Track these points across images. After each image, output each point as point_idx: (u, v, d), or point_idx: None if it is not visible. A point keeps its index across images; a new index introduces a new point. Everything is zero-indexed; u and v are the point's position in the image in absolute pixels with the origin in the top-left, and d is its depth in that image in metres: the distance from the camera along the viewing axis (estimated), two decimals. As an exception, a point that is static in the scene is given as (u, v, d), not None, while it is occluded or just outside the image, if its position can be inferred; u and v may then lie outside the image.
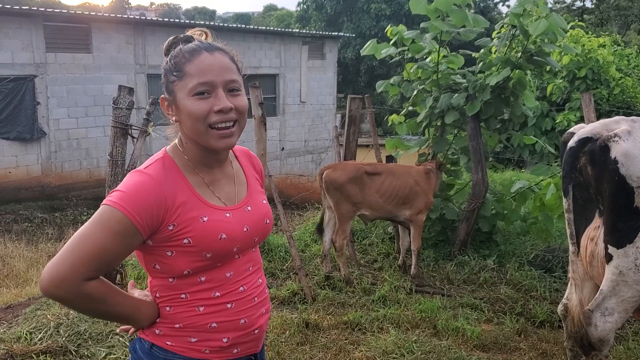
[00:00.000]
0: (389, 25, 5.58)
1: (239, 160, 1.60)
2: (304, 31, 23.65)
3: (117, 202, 1.30)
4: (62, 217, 11.77)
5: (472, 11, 5.13)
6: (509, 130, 5.83)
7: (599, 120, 2.90)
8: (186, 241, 1.36)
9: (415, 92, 5.48)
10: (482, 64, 5.31)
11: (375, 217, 4.82)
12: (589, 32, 14.18)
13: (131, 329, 1.49)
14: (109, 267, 1.37)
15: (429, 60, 5.36)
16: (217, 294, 1.43)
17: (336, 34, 22.80)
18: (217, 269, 1.43)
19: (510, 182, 6.95)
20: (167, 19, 18.19)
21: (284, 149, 17.66)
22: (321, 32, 23.90)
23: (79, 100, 13.71)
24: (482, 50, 5.42)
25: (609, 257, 2.56)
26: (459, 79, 5.32)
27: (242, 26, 20.49)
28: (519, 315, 4.13)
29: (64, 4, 43.65)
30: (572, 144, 2.67)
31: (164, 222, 1.35)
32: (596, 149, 2.56)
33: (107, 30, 14.10)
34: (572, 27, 12.76)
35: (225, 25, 25.43)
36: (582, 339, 2.70)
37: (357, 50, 25.67)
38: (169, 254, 1.38)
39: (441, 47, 5.16)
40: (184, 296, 1.41)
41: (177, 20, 21.83)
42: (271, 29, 20.33)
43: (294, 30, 22.71)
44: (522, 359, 3.50)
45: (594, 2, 29.33)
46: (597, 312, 2.61)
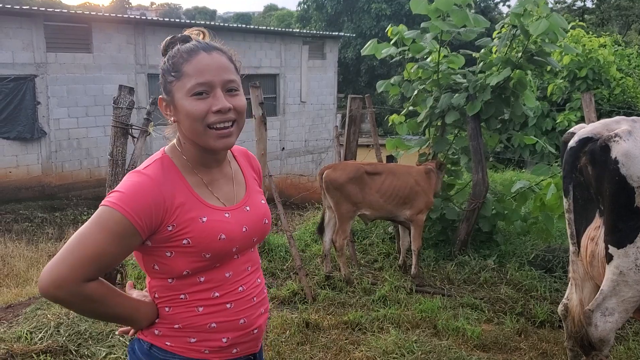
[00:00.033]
0: (390, 25, 5.58)
1: (237, 160, 1.60)
2: (305, 31, 23.66)
3: (116, 203, 1.30)
4: (63, 217, 11.77)
5: (473, 11, 5.13)
6: (509, 130, 5.83)
7: (599, 120, 2.90)
8: (185, 242, 1.36)
9: (415, 92, 5.48)
10: (482, 64, 5.31)
11: (375, 217, 4.82)
12: (590, 32, 14.16)
13: (131, 330, 1.49)
14: (108, 268, 1.37)
15: (429, 60, 5.36)
16: (217, 294, 1.43)
17: (337, 33, 22.80)
18: (216, 269, 1.43)
19: (510, 182, 6.94)
20: (167, 19, 18.19)
21: (284, 148, 17.66)
22: (322, 32, 23.90)
23: (80, 100, 13.72)
24: (482, 50, 5.42)
25: (609, 257, 2.55)
26: (460, 78, 5.32)
27: (243, 26, 20.51)
28: (519, 315, 4.13)
29: (64, 3, 43.68)
30: (572, 144, 2.67)
31: (163, 223, 1.34)
32: (597, 149, 2.55)
33: (108, 30, 14.11)
34: (573, 27, 12.75)
35: (225, 25, 25.45)
36: (583, 339, 2.70)
37: (358, 50, 25.66)
38: (168, 254, 1.38)
39: (442, 47, 5.16)
40: (183, 296, 1.41)
41: (178, 20, 21.81)
42: (272, 28, 20.34)
43: (294, 30, 22.70)
44: (523, 359, 3.50)
45: (595, 2, 29.31)
46: (598, 312, 2.60)
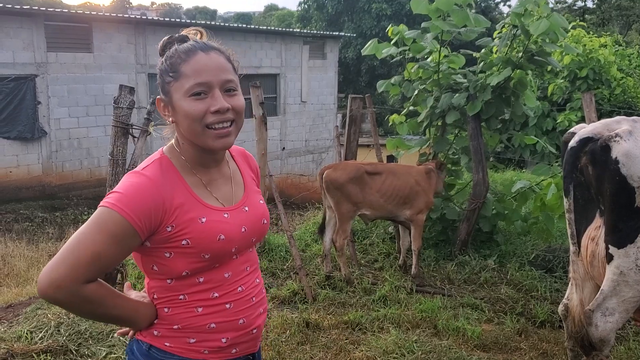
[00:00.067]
0: (390, 25, 5.58)
1: (235, 160, 1.60)
2: (305, 31, 23.64)
3: (115, 204, 1.29)
4: (63, 217, 11.77)
5: (473, 11, 5.13)
6: (509, 130, 5.84)
7: (600, 120, 2.90)
8: (185, 242, 1.35)
9: (416, 92, 5.47)
10: (483, 63, 5.31)
11: (375, 217, 4.82)
12: (590, 32, 14.16)
13: (130, 331, 1.49)
14: (107, 270, 1.37)
15: (430, 60, 5.36)
16: (216, 294, 1.43)
17: (337, 33, 22.79)
18: (215, 270, 1.43)
19: (511, 182, 6.94)
20: (168, 19, 18.19)
21: (284, 148, 17.66)
22: (322, 32, 23.88)
23: (80, 99, 13.72)
24: (483, 50, 5.42)
25: (609, 257, 2.55)
26: (460, 78, 5.32)
27: (243, 26, 20.52)
28: (520, 315, 4.13)
29: (65, 3, 43.70)
30: (573, 143, 2.66)
31: (162, 224, 1.34)
32: (597, 148, 2.55)
33: (108, 29, 14.11)
34: (574, 27, 12.75)
35: (226, 25, 25.45)
36: (583, 339, 2.70)
37: (358, 50, 25.65)
38: (167, 255, 1.37)
39: (442, 47, 5.15)
40: (182, 297, 1.41)
41: (178, 20, 21.82)
42: (272, 28, 20.33)
43: (295, 30, 22.71)
44: (523, 359, 3.50)
45: (596, 2, 29.28)
46: (598, 312, 2.60)
